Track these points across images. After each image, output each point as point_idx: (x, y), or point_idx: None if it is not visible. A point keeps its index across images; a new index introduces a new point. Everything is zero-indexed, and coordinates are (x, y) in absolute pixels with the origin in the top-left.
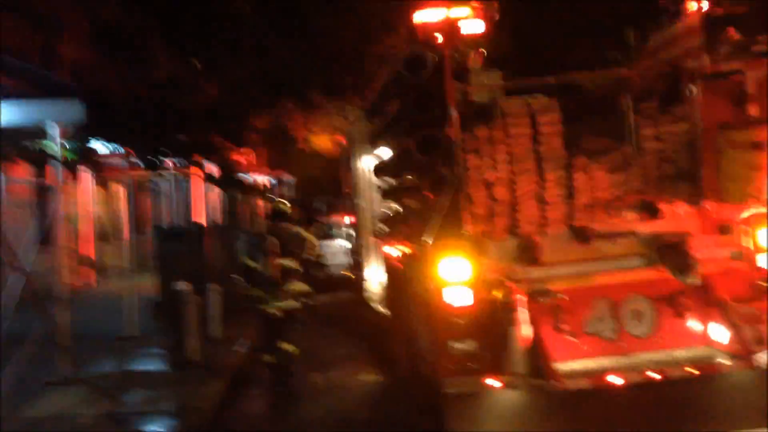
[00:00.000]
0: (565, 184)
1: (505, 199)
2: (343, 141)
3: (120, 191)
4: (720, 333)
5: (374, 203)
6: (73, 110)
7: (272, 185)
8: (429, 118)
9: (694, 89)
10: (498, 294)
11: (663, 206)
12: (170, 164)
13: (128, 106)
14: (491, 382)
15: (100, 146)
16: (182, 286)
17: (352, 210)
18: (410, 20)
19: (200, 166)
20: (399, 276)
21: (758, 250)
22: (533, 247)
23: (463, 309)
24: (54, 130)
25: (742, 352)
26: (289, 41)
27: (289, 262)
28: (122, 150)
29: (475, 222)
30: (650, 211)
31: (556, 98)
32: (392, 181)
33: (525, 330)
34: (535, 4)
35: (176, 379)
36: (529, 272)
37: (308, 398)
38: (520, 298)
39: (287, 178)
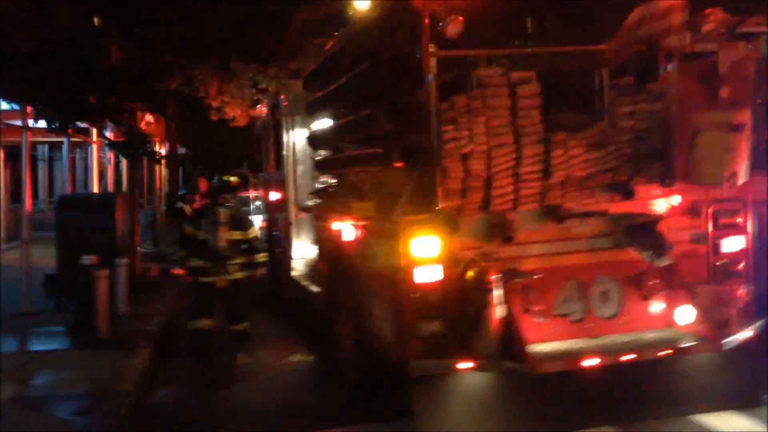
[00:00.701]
0: (541, 160)
1: (481, 173)
2: (263, 111)
3: None
4: (686, 315)
5: (301, 177)
6: None
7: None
8: (402, 84)
9: (671, 67)
10: (470, 273)
11: (635, 186)
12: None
13: (31, 60)
14: (463, 365)
15: None
16: (89, 259)
17: (276, 185)
18: None
19: (102, 131)
20: (344, 253)
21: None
22: (506, 224)
23: (432, 288)
24: None
25: (708, 334)
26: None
27: (237, 235)
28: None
29: (449, 197)
30: (623, 191)
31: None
32: (327, 152)
33: (498, 311)
34: None
35: (87, 359)
36: (501, 251)
37: (239, 380)
38: (495, 278)
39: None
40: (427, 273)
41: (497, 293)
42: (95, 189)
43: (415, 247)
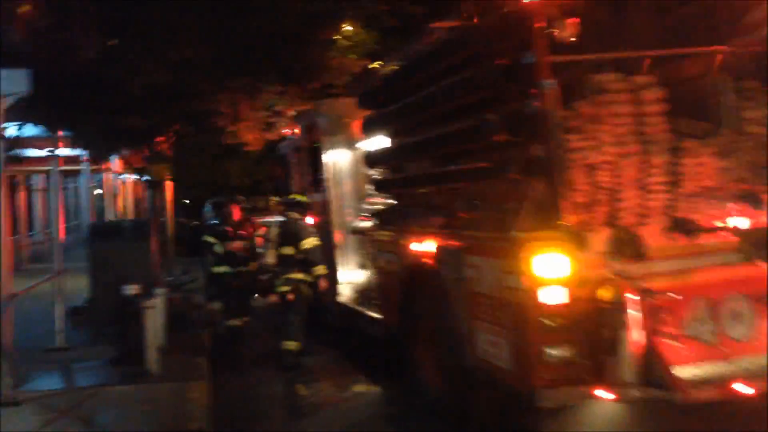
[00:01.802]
0: (669, 170)
1: (608, 185)
2: (288, 133)
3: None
4: None
5: (344, 198)
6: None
7: None
8: (518, 92)
9: None
10: (605, 293)
11: (766, 196)
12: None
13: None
14: (601, 393)
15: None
16: (131, 289)
17: (316, 207)
18: None
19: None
20: (429, 275)
21: None
22: (634, 240)
23: (560, 310)
24: None
25: None
26: (238, 17)
27: (289, 251)
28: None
29: (575, 211)
30: (753, 202)
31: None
32: (395, 170)
33: (636, 333)
34: None
35: (144, 395)
36: (629, 268)
37: (308, 413)
38: (631, 298)
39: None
40: (555, 294)
41: (634, 314)
42: (111, 216)
43: (541, 266)
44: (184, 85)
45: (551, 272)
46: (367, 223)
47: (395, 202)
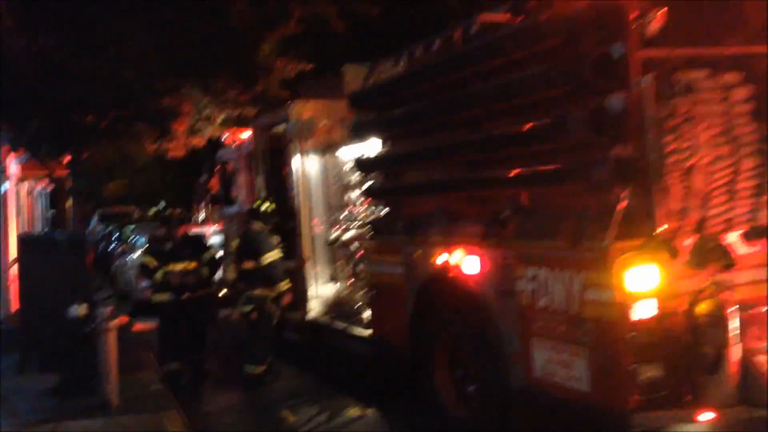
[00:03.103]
0: (757, 174)
1: (701, 191)
2: (233, 140)
3: None
4: None
5: (318, 207)
6: None
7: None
8: (607, 89)
9: None
10: (703, 306)
11: None
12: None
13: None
14: (702, 414)
15: None
16: (78, 309)
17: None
18: None
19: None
20: (460, 289)
21: None
22: (723, 248)
23: (651, 325)
24: None
25: None
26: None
27: (250, 265)
28: None
29: (668, 219)
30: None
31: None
32: (385, 178)
33: (737, 348)
34: None
35: (113, 430)
36: (726, 279)
37: None
38: (732, 311)
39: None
40: (648, 308)
41: (734, 328)
42: (23, 229)
43: (633, 279)
44: (128, 82)
45: (644, 285)
46: (349, 233)
47: (394, 210)
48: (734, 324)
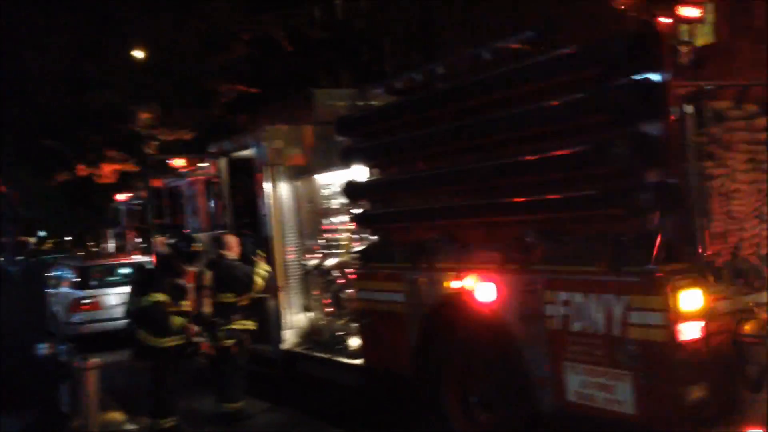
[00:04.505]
0: None
1: (740, 214)
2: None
3: None
4: None
5: (290, 234)
6: None
7: None
8: (648, 113)
9: None
10: (748, 327)
11: None
12: None
13: None
14: None
15: None
16: (46, 348)
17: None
18: None
19: None
20: (476, 315)
21: None
22: (758, 269)
23: (699, 347)
24: None
25: None
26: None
27: (230, 298)
28: None
29: (710, 242)
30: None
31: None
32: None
33: None
34: None
35: None
36: (765, 299)
37: None
38: None
39: None
40: (693, 329)
41: None
42: None
43: (679, 301)
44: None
45: (691, 307)
46: (330, 261)
47: (390, 237)
48: None
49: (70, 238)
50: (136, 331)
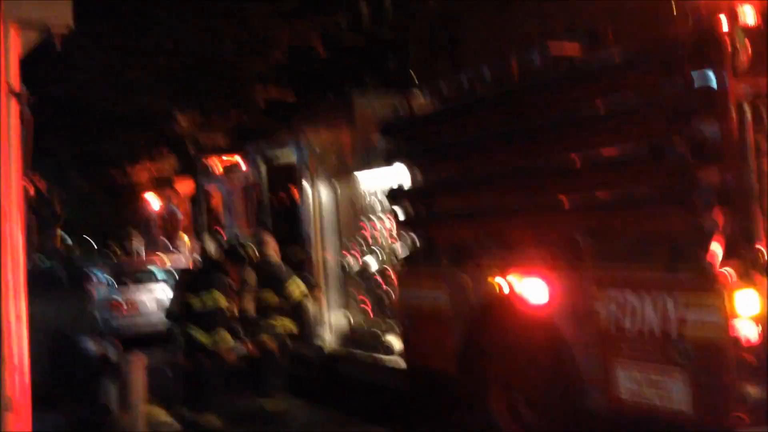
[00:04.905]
0: None
1: None
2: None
3: None
4: None
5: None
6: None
7: None
8: (708, 112)
9: None
10: None
11: None
12: None
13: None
14: None
15: None
16: (93, 345)
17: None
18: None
19: None
20: (522, 313)
21: None
22: None
23: (755, 344)
24: None
25: None
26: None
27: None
28: None
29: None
30: None
31: None
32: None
33: None
34: None
35: None
36: None
37: None
38: None
39: None
40: (750, 328)
41: None
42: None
43: (738, 300)
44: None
45: (749, 305)
46: (372, 261)
47: (434, 237)
48: None
49: (91, 239)
50: (185, 331)
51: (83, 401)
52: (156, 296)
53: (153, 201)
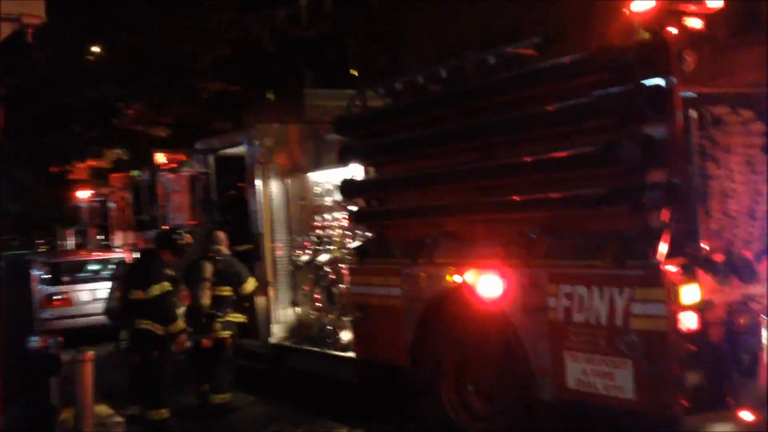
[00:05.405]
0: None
1: (735, 213)
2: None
3: None
4: None
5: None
6: None
7: None
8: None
9: None
10: (740, 317)
11: None
12: None
13: None
14: (745, 415)
15: None
16: (37, 341)
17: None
18: (625, 7)
19: None
20: (474, 308)
21: None
22: (750, 264)
23: (697, 336)
24: None
25: None
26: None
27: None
28: None
29: (709, 238)
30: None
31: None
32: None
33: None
34: None
35: None
36: (757, 292)
37: None
38: (764, 319)
39: None
40: (691, 320)
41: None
42: None
43: (680, 294)
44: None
45: (689, 299)
46: (323, 257)
47: (387, 233)
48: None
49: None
50: (132, 324)
51: (29, 400)
52: (94, 291)
53: (94, 194)
